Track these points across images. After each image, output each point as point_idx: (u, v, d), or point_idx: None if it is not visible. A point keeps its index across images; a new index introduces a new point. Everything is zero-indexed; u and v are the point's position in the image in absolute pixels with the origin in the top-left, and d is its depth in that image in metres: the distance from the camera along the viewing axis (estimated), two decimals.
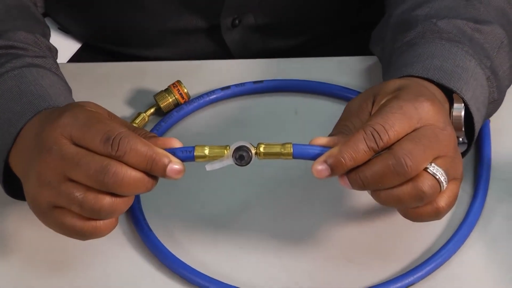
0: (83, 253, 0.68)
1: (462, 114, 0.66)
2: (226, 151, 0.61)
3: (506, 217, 0.70)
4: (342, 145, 0.59)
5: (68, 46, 0.94)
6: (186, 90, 0.79)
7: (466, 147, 0.69)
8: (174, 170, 0.60)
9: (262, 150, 0.61)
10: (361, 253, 0.68)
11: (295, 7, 0.89)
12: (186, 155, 0.61)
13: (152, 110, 0.80)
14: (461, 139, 0.67)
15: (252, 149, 0.61)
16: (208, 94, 0.81)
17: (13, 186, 0.67)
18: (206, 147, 0.61)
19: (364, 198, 0.70)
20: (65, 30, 0.96)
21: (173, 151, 0.61)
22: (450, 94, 0.67)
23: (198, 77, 0.83)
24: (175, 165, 0.60)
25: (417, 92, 0.62)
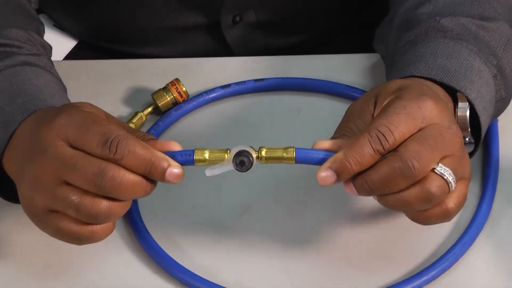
0: (80, 256, 0.68)
1: (467, 113, 0.66)
2: (226, 155, 0.61)
3: None
4: (347, 149, 0.59)
5: (63, 43, 0.94)
6: (184, 89, 0.79)
7: (473, 147, 0.68)
8: (174, 174, 0.60)
9: (264, 154, 0.61)
10: (364, 256, 0.68)
11: (297, 4, 0.89)
12: (185, 159, 0.61)
13: (149, 109, 0.80)
14: (467, 139, 0.67)
15: (253, 153, 0.61)
16: (207, 92, 0.81)
17: (5, 188, 0.67)
18: (206, 151, 0.61)
19: (367, 199, 0.70)
20: (60, 27, 0.96)
21: (172, 155, 0.60)
22: (454, 94, 0.66)
23: (197, 75, 0.83)
24: (175, 169, 0.60)
25: (419, 91, 0.61)
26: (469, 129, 0.66)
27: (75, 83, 0.80)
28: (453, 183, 0.59)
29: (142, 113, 0.79)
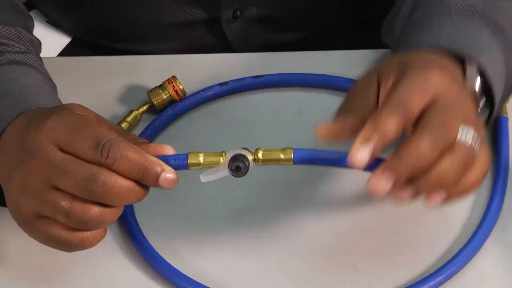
0: (72, 260, 0.68)
1: (477, 81, 0.65)
2: (222, 158, 0.61)
3: None
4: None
5: (57, 40, 0.94)
6: (181, 87, 0.79)
7: (487, 118, 0.68)
8: (167, 180, 0.59)
9: (260, 156, 0.61)
10: (368, 260, 0.67)
11: (298, 0, 0.89)
12: (179, 163, 0.60)
13: (145, 107, 0.79)
14: (479, 109, 0.67)
15: (249, 156, 0.60)
16: (205, 90, 0.80)
17: None
18: (200, 154, 0.61)
19: (372, 203, 0.70)
20: (54, 23, 0.95)
21: (165, 159, 0.60)
22: (464, 65, 0.66)
23: (194, 72, 0.82)
24: (168, 174, 0.59)
25: (424, 63, 0.61)
26: (480, 100, 0.66)
27: (68, 80, 0.80)
28: (478, 144, 0.59)
29: (137, 111, 0.79)
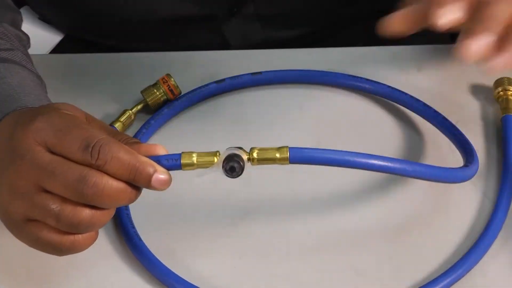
0: (65, 264, 0.67)
1: None
2: (216, 158, 0.60)
3: None
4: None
5: (48, 37, 0.95)
6: (176, 85, 0.79)
7: None
8: (160, 181, 0.59)
9: (256, 156, 0.60)
10: (371, 264, 0.67)
11: None
12: (172, 164, 0.60)
13: (139, 107, 0.79)
14: None
15: (244, 155, 0.60)
16: (201, 88, 0.80)
17: None
18: (194, 154, 0.60)
19: (375, 203, 0.70)
20: (45, 20, 0.95)
21: (157, 159, 0.60)
22: None
23: (189, 69, 0.83)
24: (161, 174, 0.59)
25: None
26: None
27: (60, 78, 0.81)
28: None
29: (131, 111, 0.78)
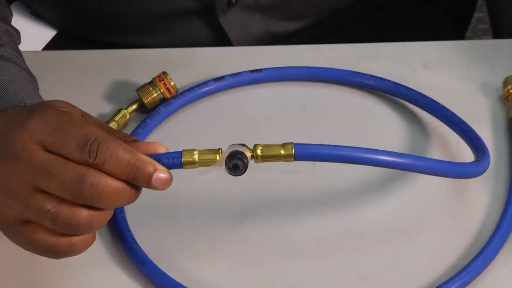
0: (59, 269, 0.67)
1: None
2: (218, 156, 0.60)
3: None
4: None
5: (41, 33, 0.94)
6: (173, 83, 0.79)
7: None
8: (160, 180, 0.59)
9: (259, 153, 0.60)
10: (375, 268, 0.67)
11: None
12: (172, 162, 0.60)
13: (134, 106, 0.79)
14: None
15: (247, 152, 0.60)
16: (199, 86, 0.80)
17: None
18: (195, 152, 0.60)
19: (380, 206, 0.70)
20: (38, 15, 0.95)
21: (157, 158, 0.60)
22: None
23: (187, 67, 0.83)
24: (161, 173, 0.59)
25: None
26: None
27: (53, 76, 0.80)
28: None
29: (126, 110, 0.78)
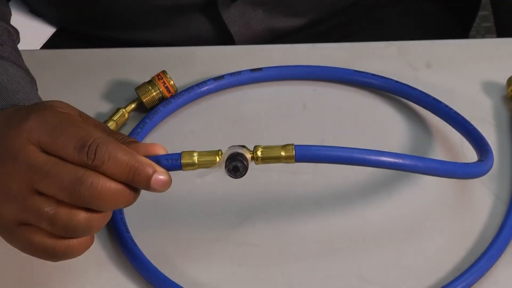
0: (57, 272, 0.67)
1: None
2: (218, 158, 0.60)
3: None
4: None
5: (41, 31, 0.93)
6: (172, 82, 0.78)
7: None
8: (160, 182, 0.59)
9: (260, 154, 0.60)
10: (376, 270, 0.67)
11: None
12: (172, 164, 0.60)
13: (133, 105, 0.79)
14: None
15: (248, 154, 0.60)
16: (199, 85, 0.80)
17: None
18: (194, 154, 0.60)
19: (382, 207, 0.70)
20: (37, 12, 0.94)
21: (157, 159, 0.60)
22: None
23: (186, 65, 0.82)
24: (161, 175, 0.59)
25: None
26: None
27: (51, 75, 0.80)
28: None
29: (124, 109, 0.78)
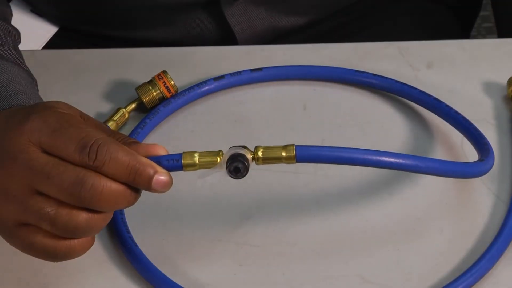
0: (57, 272, 0.67)
1: None
2: (219, 158, 0.60)
3: None
4: None
5: (42, 30, 0.93)
6: (173, 82, 0.79)
7: None
8: (161, 182, 0.59)
9: (260, 155, 0.61)
10: (376, 270, 0.67)
11: None
12: (173, 164, 0.60)
13: (133, 105, 0.79)
14: None
15: (249, 155, 0.60)
16: (199, 85, 0.80)
17: None
18: (195, 154, 0.60)
19: (382, 206, 0.70)
20: (38, 12, 0.94)
21: (157, 160, 0.60)
22: None
23: (187, 65, 0.83)
24: (162, 176, 0.59)
25: None
26: None
27: (51, 75, 0.80)
28: None
29: (124, 109, 0.78)
